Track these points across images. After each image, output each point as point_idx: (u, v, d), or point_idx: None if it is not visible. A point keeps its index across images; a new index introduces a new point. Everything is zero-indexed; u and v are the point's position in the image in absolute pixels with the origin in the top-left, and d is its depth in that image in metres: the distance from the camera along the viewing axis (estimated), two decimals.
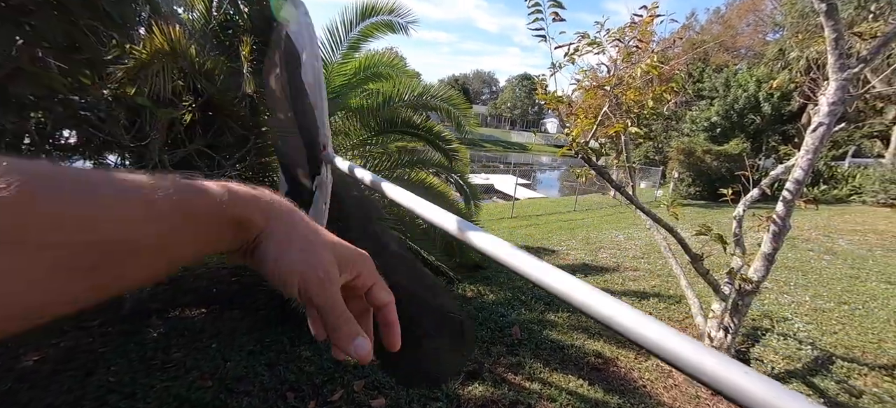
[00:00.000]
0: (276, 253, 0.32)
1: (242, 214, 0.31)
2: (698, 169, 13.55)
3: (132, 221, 0.25)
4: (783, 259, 6.04)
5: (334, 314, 0.33)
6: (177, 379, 2.46)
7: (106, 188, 0.25)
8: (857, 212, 10.99)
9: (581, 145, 2.64)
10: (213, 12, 3.34)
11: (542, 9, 2.34)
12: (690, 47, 19.48)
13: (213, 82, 2.96)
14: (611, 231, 8.38)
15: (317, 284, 0.32)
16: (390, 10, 4.04)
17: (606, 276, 5.32)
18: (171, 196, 0.27)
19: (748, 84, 15.72)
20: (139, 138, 2.74)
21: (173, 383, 2.43)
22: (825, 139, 2.31)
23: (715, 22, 28.27)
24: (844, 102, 2.22)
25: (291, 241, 0.33)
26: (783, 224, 2.49)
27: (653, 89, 2.89)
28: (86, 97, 2.11)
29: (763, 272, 2.58)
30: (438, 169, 4.87)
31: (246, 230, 0.32)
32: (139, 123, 2.74)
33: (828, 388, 2.95)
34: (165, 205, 0.27)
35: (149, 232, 0.26)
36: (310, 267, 0.33)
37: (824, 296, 4.79)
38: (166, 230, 0.27)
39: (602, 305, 0.35)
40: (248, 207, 0.32)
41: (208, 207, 0.30)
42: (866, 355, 3.47)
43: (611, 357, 3.21)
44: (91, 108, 2.30)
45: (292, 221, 0.34)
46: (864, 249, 7.10)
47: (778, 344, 3.57)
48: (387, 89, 4.35)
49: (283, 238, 0.33)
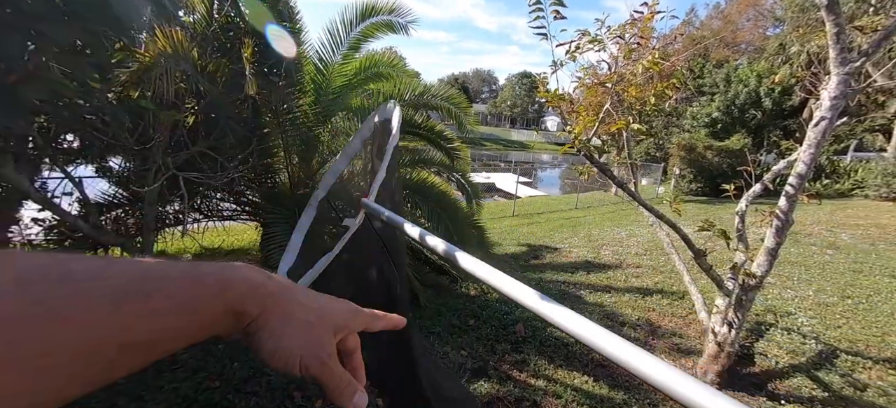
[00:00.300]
0: (273, 343, 0.33)
1: (237, 305, 0.32)
2: (700, 165, 13.53)
3: (127, 327, 0.26)
4: (786, 254, 6.03)
5: (334, 384, 0.35)
6: (185, 380, 2.48)
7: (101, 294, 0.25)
8: (860, 206, 10.96)
9: (583, 143, 2.64)
10: (215, 15, 3.35)
11: (544, 7, 2.34)
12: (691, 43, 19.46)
13: (215, 84, 2.97)
14: (613, 228, 8.38)
15: (318, 365, 0.34)
16: (390, 10, 4.05)
17: (609, 273, 5.33)
18: (168, 292, 0.28)
19: (749, 79, 15.68)
20: (142, 141, 2.75)
21: (181, 384, 2.45)
22: (827, 133, 2.31)
23: (715, 17, 28.21)
24: (846, 96, 2.23)
25: (288, 326, 0.34)
26: (786, 219, 2.49)
27: (654, 86, 2.89)
28: (91, 101, 2.12)
29: (766, 267, 2.59)
30: (440, 168, 4.88)
31: (239, 319, 0.32)
32: (142, 125, 2.75)
33: (832, 382, 2.95)
34: (162, 304, 0.27)
35: (142, 330, 0.26)
36: (309, 350, 0.34)
37: (828, 290, 4.79)
38: (160, 328, 0.27)
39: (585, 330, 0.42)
40: (243, 298, 0.32)
41: (205, 299, 0.30)
42: (870, 348, 3.47)
43: None
44: (96, 111, 2.31)
45: (288, 306, 0.35)
46: (867, 243, 7.08)
47: (782, 339, 3.58)
48: (388, 89, 4.36)
49: (277, 326, 0.33)
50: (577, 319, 0.41)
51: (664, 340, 3.51)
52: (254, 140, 3.38)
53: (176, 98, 2.70)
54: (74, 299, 0.24)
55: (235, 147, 3.28)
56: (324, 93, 4.07)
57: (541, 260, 5.94)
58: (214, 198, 4.03)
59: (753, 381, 2.94)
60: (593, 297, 4.41)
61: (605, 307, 4.13)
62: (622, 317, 3.92)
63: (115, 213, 3.48)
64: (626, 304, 4.24)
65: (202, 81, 2.82)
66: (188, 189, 2.99)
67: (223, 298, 0.31)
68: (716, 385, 2.86)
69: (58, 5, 1.33)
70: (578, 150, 2.68)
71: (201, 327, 0.30)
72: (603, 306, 4.18)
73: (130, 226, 3.52)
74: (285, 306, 0.34)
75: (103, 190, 3.41)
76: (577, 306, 4.15)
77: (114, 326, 0.25)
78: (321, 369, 0.35)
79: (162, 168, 2.84)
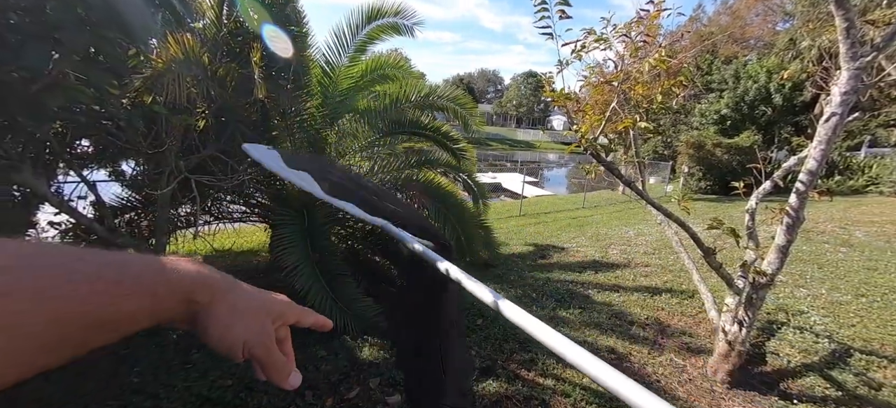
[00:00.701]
0: (220, 330, 0.38)
1: (190, 294, 0.36)
2: (709, 163, 13.36)
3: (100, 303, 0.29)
4: (798, 252, 5.94)
5: (272, 364, 0.41)
6: (198, 379, 2.53)
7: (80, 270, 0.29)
8: (875, 203, 10.75)
9: (589, 142, 2.64)
10: (224, 19, 3.41)
11: (549, 7, 2.35)
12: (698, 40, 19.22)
13: (225, 88, 3.03)
14: (621, 227, 8.32)
15: (261, 348, 0.40)
16: (396, 12, 4.07)
17: (617, 272, 5.30)
18: (138, 275, 0.32)
19: (758, 75, 15.45)
20: (155, 145, 2.81)
21: (195, 383, 2.49)
22: (838, 129, 2.28)
23: (723, 13, 27.83)
24: (857, 91, 2.20)
25: (233, 316, 0.39)
26: (797, 216, 2.47)
27: (661, 83, 2.87)
28: (106, 106, 2.18)
29: (777, 265, 2.56)
30: (446, 168, 4.89)
31: (191, 307, 0.37)
32: (155, 130, 2.81)
33: (846, 381, 2.91)
34: (130, 287, 0.31)
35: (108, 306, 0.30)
36: (252, 337, 0.40)
37: (841, 289, 4.71)
38: (132, 308, 0.31)
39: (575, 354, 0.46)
40: (195, 287, 0.37)
41: (165, 286, 0.34)
42: (885, 347, 3.41)
43: (624, 353, 3.21)
44: (111, 116, 2.37)
45: (233, 298, 0.40)
46: (882, 240, 6.95)
47: (794, 338, 3.53)
48: (394, 91, 4.39)
49: (224, 316, 0.38)
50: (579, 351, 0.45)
51: (674, 339, 3.49)
52: (263, 143, 3.43)
53: (188, 102, 2.75)
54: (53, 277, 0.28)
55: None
56: (330, 95, 4.11)
57: (548, 260, 5.93)
58: (225, 200, 4.09)
59: (765, 380, 2.91)
60: (601, 296, 4.39)
61: (613, 307, 4.11)
62: (631, 316, 3.90)
63: (129, 215, 3.55)
64: (635, 303, 4.21)
65: (213, 86, 2.87)
66: (200, 192, 3.04)
67: (180, 286, 0.35)
68: (726, 384, 2.83)
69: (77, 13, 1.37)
70: (585, 149, 2.67)
71: (159, 311, 0.34)
72: (611, 305, 4.16)
73: (144, 228, 3.59)
74: (231, 298, 0.39)
75: (117, 193, 3.48)
76: (585, 305, 4.13)
77: (87, 302, 0.29)
78: (264, 352, 0.40)
79: (174, 171, 2.90)
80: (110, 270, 0.31)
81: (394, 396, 2.52)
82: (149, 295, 0.33)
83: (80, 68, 1.54)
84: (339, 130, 4.43)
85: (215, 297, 0.38)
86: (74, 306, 0.28)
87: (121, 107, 2.33)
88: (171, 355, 2.79)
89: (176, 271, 0.35)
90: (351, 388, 2.58)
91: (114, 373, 2.55)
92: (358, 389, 2.57)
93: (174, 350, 2.84)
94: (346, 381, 2.65)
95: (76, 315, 0.28)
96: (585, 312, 3.97)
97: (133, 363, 2.66)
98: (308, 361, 2.82)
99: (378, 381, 2.64)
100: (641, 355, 3.18)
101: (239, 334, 0.39)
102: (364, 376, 2.69)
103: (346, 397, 2.49)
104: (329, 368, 2.77)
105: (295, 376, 0.43)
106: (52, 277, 0.27)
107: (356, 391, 2.54)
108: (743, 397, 2.71)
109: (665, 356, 3.19)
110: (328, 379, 2.65)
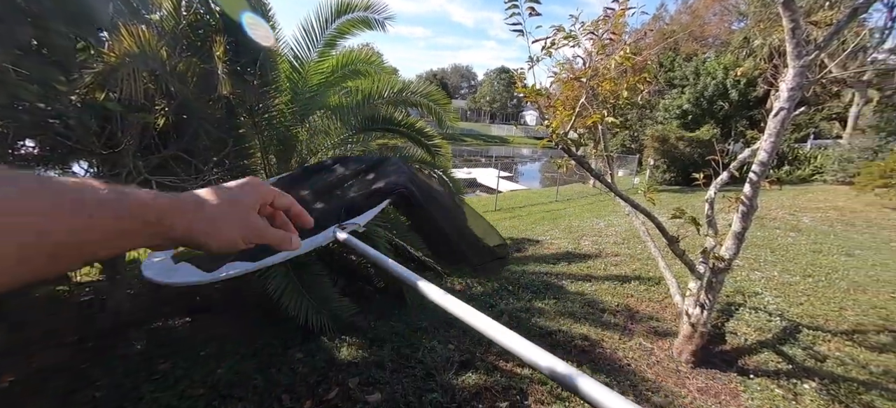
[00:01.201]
0: (215, 240, 0.42)
1: (161, 216, 0.38)
2: (672, 155, 14.01)
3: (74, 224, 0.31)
4: (753, 238, 6.35)
5: (273, 240, 0.48)
6: (166, 389, 2.41)
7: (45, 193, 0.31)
8: (819, 191, 11.64)
9: (560, 137, 2.71)
10: (183, 11, 3.23)
11: (519, 3, 2.38)
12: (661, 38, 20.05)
13: (186, 84, 2.88)
14: (592, 219, 8.59)
15: (253, 234, 0.46)
16: (366, 7, 4.00)
17: (589, 262, 5.48)
18: (101, 201, 0.34)
19: (716, 72, 16.33)
20: (110, 145, 2.64)
21: (163, 393, 2.38)
22: (786, 123, 2.45)
23: (684, 12, 29.12)
24: (802, 87, 2.37)
25: (215, 223, 0.42)
26: (751, 204, 2.64)
27: (627, 80, 2.98)
28: (53, 103, 2.02)
29: (734, 250, 2.73)
30: (421, 165, 4.87)
31: (164, 231, 0.39)
32: (109, 128, 2.64)
33: (795, 355, 3.15)
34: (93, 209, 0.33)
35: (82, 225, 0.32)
36: (243, 231, 0.45)
37: (791, 270, 5.08)
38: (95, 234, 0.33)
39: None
40: (163, 209, 0.39)
41: (137, 208, 0.36)
42: (829, 322, 3.72)
43: (596, 339, 3.33)
44: (60, 114, 2.20)
45: (208, 211, 0.43)
46: (826, 225, 7.54)
47: (750, 317, 3.79)
48: (366, 86, 4.32)
49: (209, 229, 0.42)
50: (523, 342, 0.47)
51: (642, 324, 3.65)
52: (229, 141, 3.29)
53: (145, 99, 2.60)
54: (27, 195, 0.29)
55: (210, 149, 3.18)
56: (300, 91, 3.99)
57: (523, 253, 6.04)
58: None
59: (725, 358, 3.11)
60: (575, 286, 4.53)
61: (586, 296, 4.25)
62: (603, 304, 4.05)
63: None
64: (606, 291, 4.38)
65: (172, 81, 2.73)
66: None
67: (143, 210, 0.37)
68: (690, 364, 3.00)
69: (16, 3, 1.26)
70: (556, 143, 2.74)
71: (132, 232, 0.36)
72: (584, 294, 4.30)
73: None
74: (205, 211, 0.42)
75: None
76: (559, 295, 4.25)
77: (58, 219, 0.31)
78: (259, 236, 0.47)
79: (132, 172, 2.73)
80: (78, 191, 0.33)
81: (374, 394, 2.51)
82: (112, 218, 0.34)
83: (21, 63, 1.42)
84: (311, 127, 4.32)
85: (188, 216, 0.40)
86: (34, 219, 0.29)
87: (70, 104, 2.17)
88: (135, 366, 2.65)
89: (137, 197, 0.37)
90: (330, 389, 2.54)
91: (73, 389, 2.39)
92: (337, 389, 2.53)
93: (139, 361, 2.70)
94: (324, 382, 2.61)
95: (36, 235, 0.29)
96: (560, 301, 4.09)
97: (93, 378, 2.50)
98: (283, 364, 2.76)
99: (357, 380, 2.62)
100: (613, 341, 3.32)
101: (229, 234, 0.43)
102: (343, 377, 2.66)
103: (325, 399, 2.45)
104: (306, 369, 2.72)
105: (294, 239, 0.51)
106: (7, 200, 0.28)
107: (335, 392, 2.51)
108: (705, 375, 2.89)
109: (635, 341, 3.34)
110: (306, 381, 2.60)
